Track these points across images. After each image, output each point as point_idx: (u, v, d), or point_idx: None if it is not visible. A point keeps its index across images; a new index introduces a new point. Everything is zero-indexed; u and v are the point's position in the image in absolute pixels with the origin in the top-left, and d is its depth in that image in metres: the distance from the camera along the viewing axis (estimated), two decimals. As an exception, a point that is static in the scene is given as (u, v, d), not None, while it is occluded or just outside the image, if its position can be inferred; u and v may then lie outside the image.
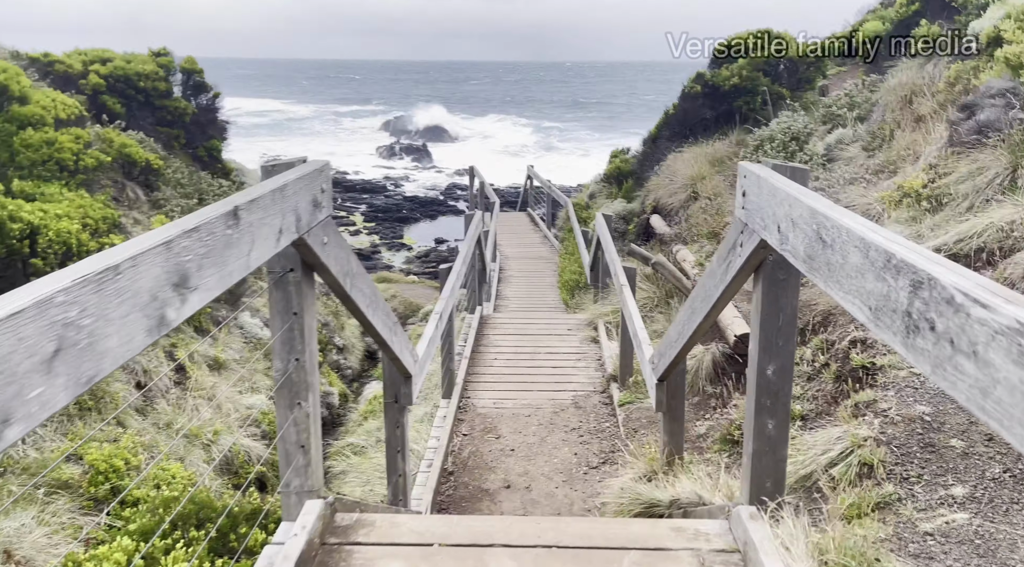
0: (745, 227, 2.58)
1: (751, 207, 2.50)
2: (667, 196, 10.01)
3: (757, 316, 2.64)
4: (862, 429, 3.55)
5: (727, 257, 2.81)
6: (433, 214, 38.83)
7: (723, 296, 2.94)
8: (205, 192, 14.34)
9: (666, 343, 4.14)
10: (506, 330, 8.69)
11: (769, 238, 2.31)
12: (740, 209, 2.65)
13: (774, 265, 2.57)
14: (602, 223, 8.65)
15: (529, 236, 16.80)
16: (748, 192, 2.55)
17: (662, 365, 4.24)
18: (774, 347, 2.63)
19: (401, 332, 4.03)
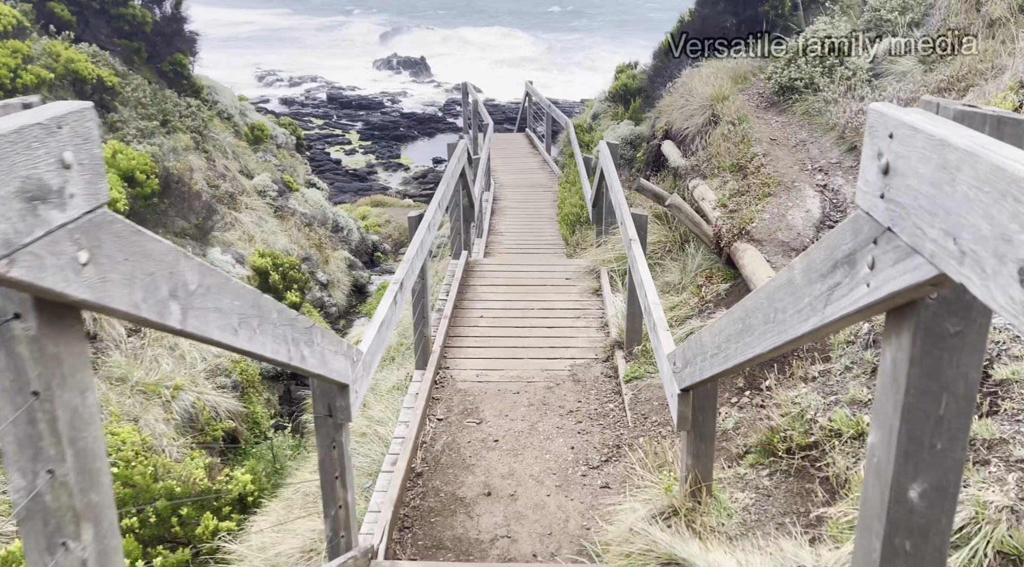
0: (885, 233, 1.33)
1: (909, 200, 1.23)
2: (682, 119, 8.58)
3: (893, 393, 1.41)
4: (989, 492, 2.37)
5: (831, 275, 1.56)
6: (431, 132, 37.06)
7: (811, 334, 1.71)
8: (170, 113, 12.87)
9: (696, 349, 2.93)
10: (495, 280, 7.47)
11: (958, 270, 1.07)
12: (872, 195, 1.38)
13: (938, 310, 1.32)
14: (607, 154, 7.30)
15: (527, 160, 15.34)
16: (900, 167, 1.28)
17: (689, 376, 3.04)
18: (927, 452, 1.41)
19: (318, 335, 2.82)
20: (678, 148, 8.60)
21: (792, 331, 1.78)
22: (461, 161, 7.24)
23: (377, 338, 3.70)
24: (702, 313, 5.67)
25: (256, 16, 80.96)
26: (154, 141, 11.76)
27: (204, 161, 12.85)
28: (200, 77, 15.10)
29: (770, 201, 5.98)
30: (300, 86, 47.71)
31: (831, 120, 6.97)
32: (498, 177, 13.82)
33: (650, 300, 4.11)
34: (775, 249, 5.52)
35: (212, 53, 53.67)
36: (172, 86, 14.08)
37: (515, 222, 11.44)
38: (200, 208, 11.41)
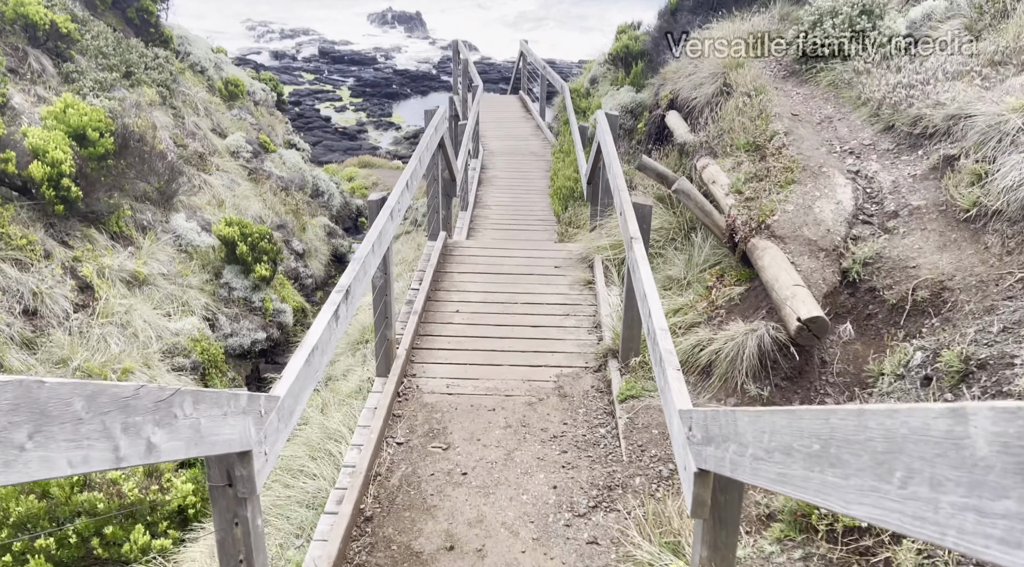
0: None
1: None
2: (689, 88, 7.61)
3: None
4: None
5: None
6: (424, 90, 35.77)
7: None
8: (134, 64, 11.76)
9: (728, 428, 2.07)
10: (476, 266, 6.58)
11: None
12: None
13: None
14: (605, 126, 6.35)
15: (520, 126, 14.29)
16: None
17: (713, 459, 2.18)
18: None
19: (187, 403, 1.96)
20: (685, 120, 7.64)
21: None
22: (439, 131, 6.28)
23: (305, 371, 2.83)
24: (711, 320, 4.80)
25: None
26: (114, 95, 10.70)
27: (171, 118, 11.79)
28: (172, 26, 13.92)
29: (794, 189, 5.07)
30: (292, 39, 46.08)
31: (863, 93, 6.02)
32: (487, 143, 12.81)
33: (656, 324, 3.23)
34: (800, 248, 4.63)
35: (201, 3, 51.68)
36: (139, 35, 12.92)
37: (504, 194, 10.49)
38: (164, 170, 10.40)
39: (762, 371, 4.18)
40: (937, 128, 5.06)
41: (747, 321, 4.48)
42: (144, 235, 9.68)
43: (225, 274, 10.22)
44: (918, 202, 4.71)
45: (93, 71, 10.82)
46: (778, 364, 4.15)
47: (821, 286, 4.44)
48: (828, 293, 4.44)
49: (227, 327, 9.87)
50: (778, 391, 4.11)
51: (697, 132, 7.03)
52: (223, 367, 9.41)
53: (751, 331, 4.22)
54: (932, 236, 4.38)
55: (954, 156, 4.77)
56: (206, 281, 10.09)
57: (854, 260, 4.45)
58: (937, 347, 3.49)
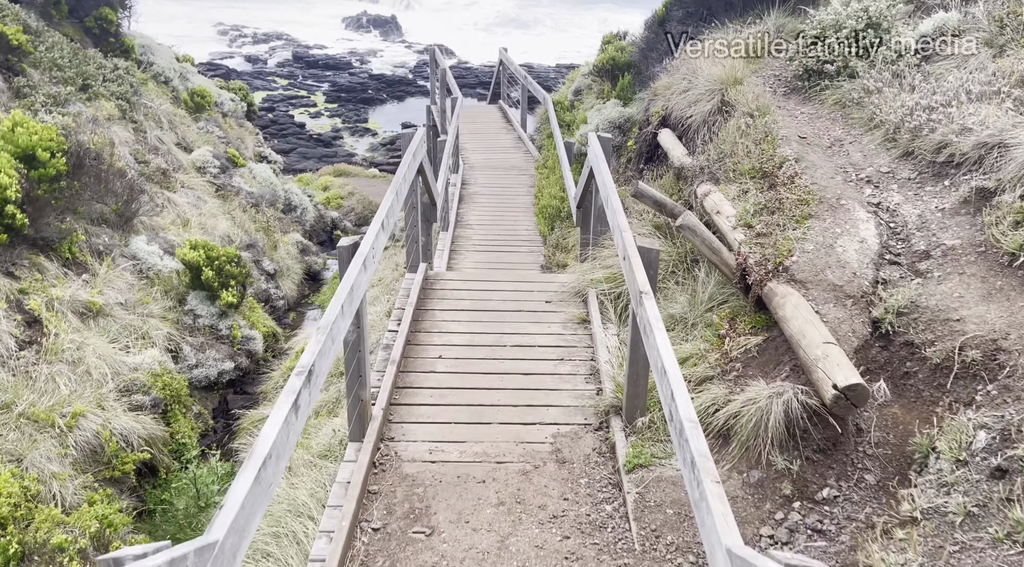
0: None
1: None
2: (683, 106, 7.08)
3: None
4: None
5: None
6: (401, 95, 35.05)
7: None
8: (92, 77, 10.99)
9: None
10: (459, 302, 5.98)
11: None
12: None
13: None
14: (598, 151, 5.79)
15: (500, 138, 13.70)
16: None
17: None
18: None
19: None
20: (680, 140, 7.11)
21: None
22: (418, 157, 5.69)
23: (254, 492, 2.25)
24: (726, 375, 4.27)
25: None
26: (68, 110, 9.95)
27: (132, 133, 11.05)
28: (134, 34, 13.15)
29: (811, 224, 4.55)
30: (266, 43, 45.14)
31: (874, 115, 5.53)
32: (468, 156, 12.21)
33: (682, 412, 2.67)
34: (824, 295, 4.10)
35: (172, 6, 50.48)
36: (98, 45, 12.16)
37: (486, 212, 9.91)
38: (122, 189, 9.68)
39: (790, 440, 3.64)
40: (966, 157, 4.57)
41: (768, 379, 3.94)
42: (101, 261, 8.96)
43: (190, 300, 9.53)
44: (952, 241, 4.21)
45: (46, 85, 10.08)
46: (809, 433, 3.61)
47: (851, 339, 3.92)
48: (859, 347, 3.92)
49: (192, 358, 9.20)
50: (810, 465, 3.58)
51: (695, 154, 6.50)
52: (187, 401, 8.73)
53: (776, 395, 3.68)
54: (974, 283, 3.88)
55: (989, 190, 4.27)
56: (169, 309, 9.39)
57: (886, 309, 3.93)
58: (1004, 427, 2.97)
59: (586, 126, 9.51)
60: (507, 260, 8.31)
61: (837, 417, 3.53)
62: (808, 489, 3.53)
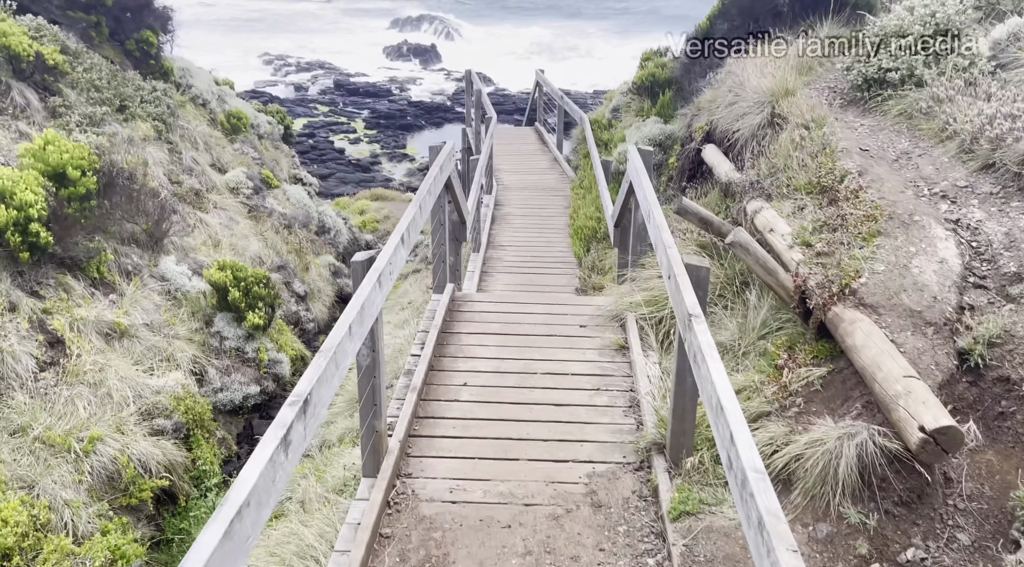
0: None
1: None
2: (730, 119, 6.61)
3: None
4: None
5: None
6: (439, 122, 35.16)
7: None
8: (130, 98, 10.95)
9: None
10: (487, 325, 5.55)
11: None
12: None
13: None
14: (638, 164, 5.35)
15: (536, 159, 13.35)
16: None
17: None
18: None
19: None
20: (726, 155, 6.63)
21: None
22: (446, 170, 5.31)
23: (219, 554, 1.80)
24: (785, 411, 3.74)
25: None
26: (103, 130, 9.85)
27: (167, 153, 10.94)
28: (174, 58, 13.16)
29: (881, 243, 4.03)
30: (308, 72, 45.85)
31: (947, 125, 4.99)
32: (502, 177, 11.86)
33: (744, 460, 2.18)
34: (900, 322, 3.57)
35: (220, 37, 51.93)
36: (137, 67, 12.16)
37: (519, 233, 9.50)
38: (154, 209, 9.50)
39: (865, 490, 3.10)
40: (1059, 167, 4.02)
41: (836, 417, 3.41)
42: (129, 281, 8.75)
43: (216, 322, 9.26)
44: (1048, 261, 3.65)
45: (82, 105, 10.01)
46: (888, 482, 3.07)
47: (933, 373, 3.38)
48: (943, 382, 3.37)
49: (217, 381, 8.90)
50: (890, 520, 3.03)
51: (743, 169, 6.01)
52: (210, 426, 8.39)
53: (848, 436, 3.15)
54: (1079, 308, 3.32)
55: (1090, 203, 3.71)
56: (195, 330, 9.13)
57: (975, 339, 3.39)
58: None
59: (624, 144, 9.09)
60: (540, 283, 7.88)
61: (923, 464, 2.99)
62: (889, 549, 2.98)
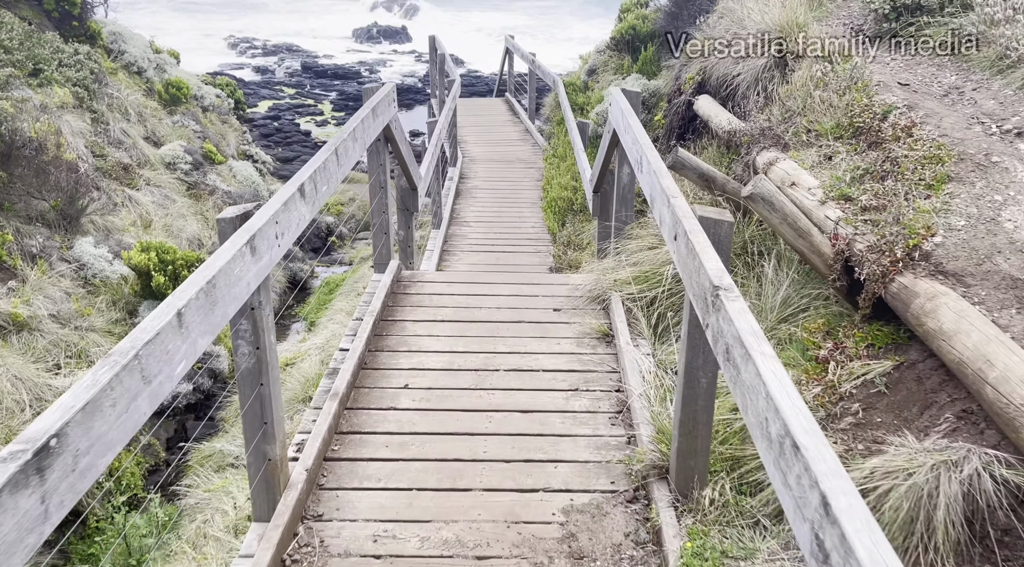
0: None
1: None
2: (728, 64, 5.52)
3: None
4: None
5: None
6: (410, 103, 33.75)
7: None
8: (45, 60, 9.62)
9: None
10: (440, 310, 4.42)
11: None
12: None
13: None
14: (623, 105, 4.23)
15: (505, 130, 12.19)
16: None
17: None
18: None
19: None
20: (723, 105, 5.55)
21: None
22: (382, 116, 4.16)
23: None
24: (835, 420, 2.67)
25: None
26: (9, 94, 8.54)
27: (88, 123, 9.64)
28: (104, 21, 11.79)
29: (953, 191, 2.97)
30: (274, 55, 44.11)
31: (1007, 52, 3.94)
32: (468, 149, 10.69)
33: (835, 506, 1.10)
34: (1001, 296, 2.51)
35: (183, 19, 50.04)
36: (59, 30, 10.80)
37: (487, 208, 8.37)
38: (67, 183, 8.23)
39: (976, 544, 2.05)
40: None
41: (916, 432, 2.35)
42: (33, 265, 7.50)
43: (141, 311, 8.04)
44: None
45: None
46: (1015, 532, 2.02)
47: (1058, 367, 2.32)
48: (1073, 381, 2.31)
49: (141, 379, 7.66)
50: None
51: (748, 119, 4.93)
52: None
53: (947, 465, 2.09)
54: None
55: None
56: (115, 321, 7.90)
57: (1114, 317, 2.34)
58: None
59: (600, 106, 8.00)
60: (509, 262, 6.78)
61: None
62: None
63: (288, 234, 2.64)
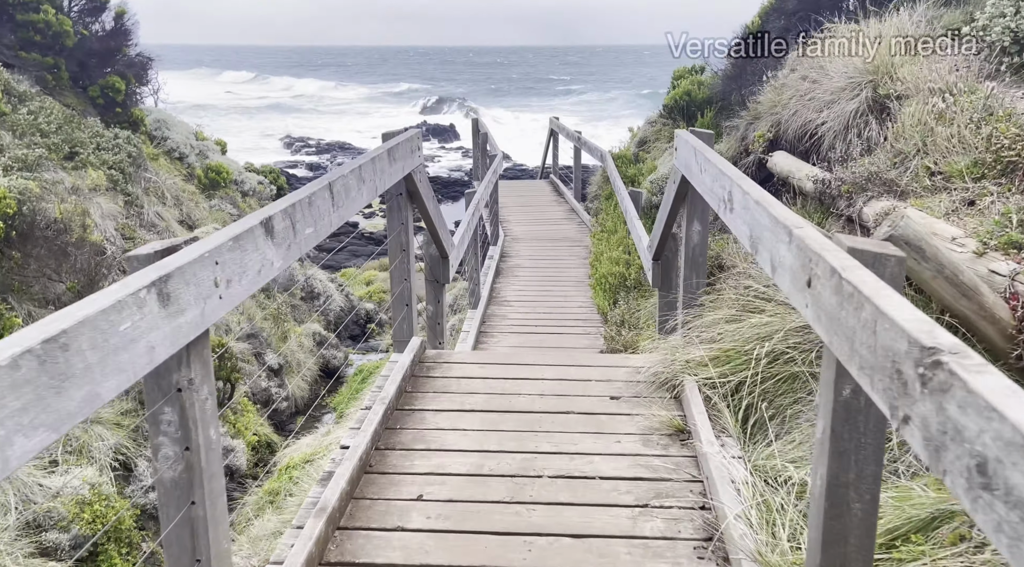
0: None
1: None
2: (806, 116, 4.74)
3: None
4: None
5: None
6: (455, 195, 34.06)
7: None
8: (82, 144, 9.44)
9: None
10: (467, 399, 3.53)
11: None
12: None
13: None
14: (696, 143, 3.43)
15: (550, 209, 11.55)
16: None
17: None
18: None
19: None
20: (804, 159, 4.72)
21: None
22: (403, 162, 3.44)
23: None
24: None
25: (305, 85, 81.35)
26: (39, 175, 8.25)
27: (121, 206, 9.31)
28: (149, 109, 11.76)
29: None
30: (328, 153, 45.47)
31: None
32: (510, 228, 10.03)
33: None
34: None
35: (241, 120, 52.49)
36: (103, 116, 10.73)
37: (529, 286, 7.58)
38: (88, 265, 7.75)
39: None
40: None
41: None
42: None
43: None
44: None
45: (16, 147, 8.45)
46: None
47: None
48: None
49: (148, 477, 6.92)
50: None
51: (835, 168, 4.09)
52: (133, 537, 6.30)
53: None
54: None
55: None
56: (125, 412, 7.20)
57: None
58: None
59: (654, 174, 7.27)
60: (553, 344, 5.90)
61: None
62: None
63: (240, 282, 1.84)
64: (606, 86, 76.85)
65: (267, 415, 9.15)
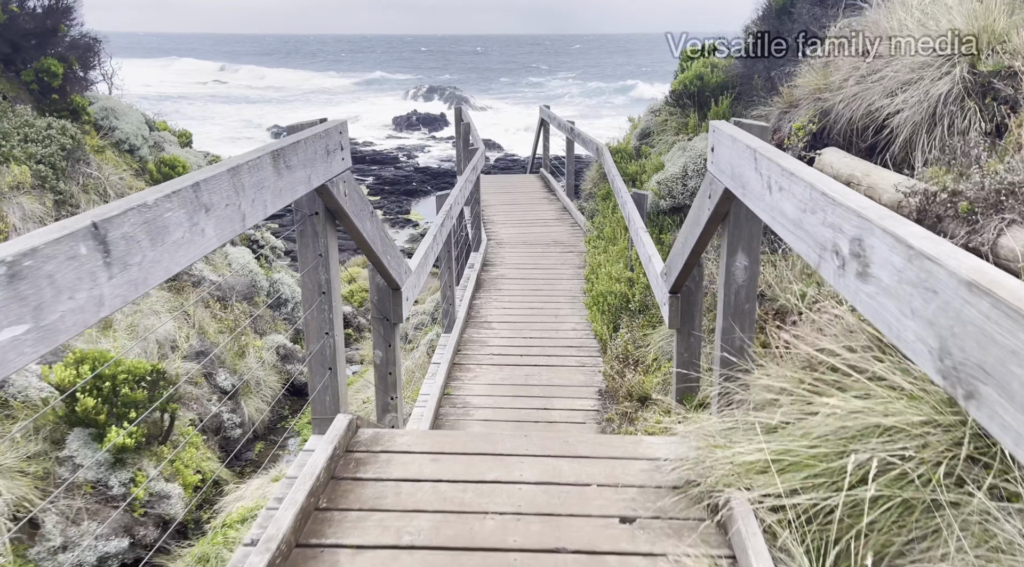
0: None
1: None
2: (869, 100, 3.56)
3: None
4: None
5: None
6: (445, 186, 32.83)
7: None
8: (5, 136, 8.19)
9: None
10: (406, 521, 2.36)
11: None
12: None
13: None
14: (751, 141, 2.23)
15: (540, 209, 10.33)
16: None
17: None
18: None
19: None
20: (869, 158, 3.54)
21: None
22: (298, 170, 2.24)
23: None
24: None
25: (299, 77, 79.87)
26: (-57, 171, 6.99)
27: (48, 206, 8.07)
28: (97, 96, 10.46)
29: None
30: (315, 143, 44.21)
31: None
32: (495, 231, 8.82)
33: None
34: None
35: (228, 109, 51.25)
36: (42, 102, 9.46)
37: (515, 303, 6.39)
38: None
39: None
40: None
41: None
42: (-71, 383, 5.70)
43: (70, 442, 6.15)
44: None
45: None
46: None
47: None
48: None
49: (57, 535, 5.77)
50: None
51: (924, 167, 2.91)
52: (35, 610, 5.14)
53: None
54: None
55: None
56: (34, 455, 6.01)
57: None
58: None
59: (662, 173, 6.05)
60: (543, 381, 4.72)
61: None
62: None
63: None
64: (605, 76, 75.39)
65: (220, 445, 7.96)
